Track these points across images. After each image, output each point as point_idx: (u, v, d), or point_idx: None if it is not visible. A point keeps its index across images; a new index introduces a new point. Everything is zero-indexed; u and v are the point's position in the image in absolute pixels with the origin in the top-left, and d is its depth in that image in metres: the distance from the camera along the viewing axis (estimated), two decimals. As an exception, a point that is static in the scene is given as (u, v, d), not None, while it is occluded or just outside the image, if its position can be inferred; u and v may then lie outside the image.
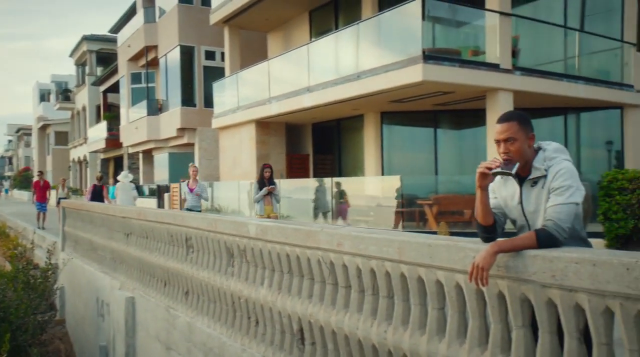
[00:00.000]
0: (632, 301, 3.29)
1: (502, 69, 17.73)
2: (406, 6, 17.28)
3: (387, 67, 17.51)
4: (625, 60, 21.65)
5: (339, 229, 5.83)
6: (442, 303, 4.63)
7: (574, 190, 3.99)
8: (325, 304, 5.82)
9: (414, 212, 19.05)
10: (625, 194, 14.90)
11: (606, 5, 22.63)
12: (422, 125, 22.81)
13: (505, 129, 4.14)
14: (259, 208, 15.59)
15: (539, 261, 3.72)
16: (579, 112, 22.22)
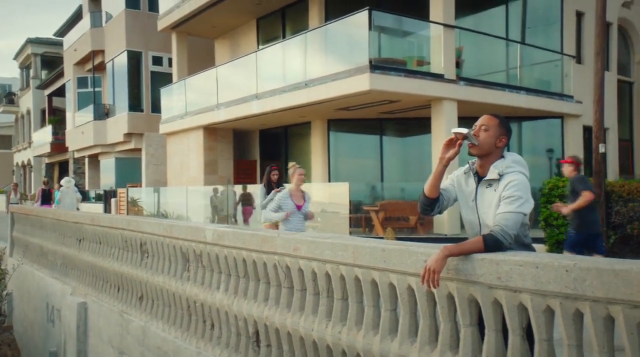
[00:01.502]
0: (570, 300, 3.60)
1: (447, 79, 18.12)
2: (353, 17, 17.57)
3: (334, 76, 17.78)
4: (565, 72, 22.23)
5: (296, 234, 6.06)
6: (394, 304, 4.87)
7: (523, 201, 4.29)
8: (281, 307, 5.98)
9: (360, 218, 19.34)
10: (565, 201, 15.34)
11: (546, 19, 23.21)
12: (369, 132, 23.10)
13: (486, 119, 4.57)
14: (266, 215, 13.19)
15: (486, 264, 4.00)
16: (521, 121, 22.71)
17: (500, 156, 4.57)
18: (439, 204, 4.68)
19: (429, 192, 4.60)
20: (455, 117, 18.18)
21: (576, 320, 3.65)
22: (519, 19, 22.67)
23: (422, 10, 18.92)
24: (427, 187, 4.60)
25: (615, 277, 3.34)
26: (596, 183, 15.19)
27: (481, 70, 20.54)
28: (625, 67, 27.42)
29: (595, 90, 15.61)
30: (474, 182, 4.61)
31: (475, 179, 4.61)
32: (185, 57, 29.02)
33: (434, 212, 4.71)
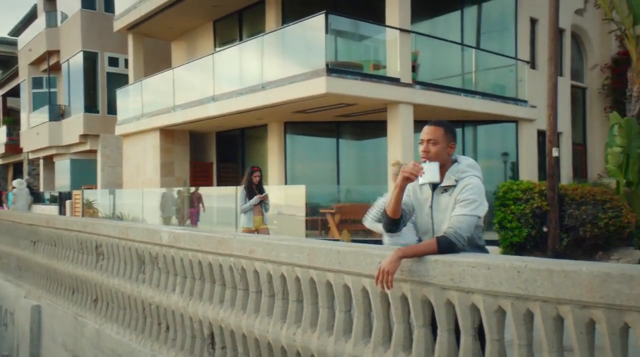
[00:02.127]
0: (522, 300, 3.68)
1: (403, 82, 18.21)
2: (310, 20, 17.60)
3: (291, 79, 17.79)
4: (519, 77, 22.47)
5: (252, 236, 6.09)
6: (349, 306, 4.92)
7: (477, 204, 4.38)
8: (236, 309, 5.99)
9: (317, 221, 19.39)
10: (519, 204, 15.55)
11: (501, 25, 23.45)
12: (325, 135, 23.13)
13: (431, 131, 4.53)
14: (246, 220, 12.61)
15: (440, 265, 4.07)
16: (476, 125, 22.92)
17: (453, 161, 4.62)
18: (403, 220, 4.68)
19: (393, 214, 4.56)
20: (411, 121, 18.29)
21: (527, 320, 3.73)
22: (474, 24, 22.89)
23: (379, 14, 18.99)
24: (389, 210, 4.55)
25: (565, 278, 3.42)
26: (550, 186, 15.43)
27: (437, 75, 20.68)
28: (578, 73, 27.77)
29: (548, 95, 15.85)
30: (429, 189, 4.65)
31: (430, 186, 4.62)
32: (141, 58, 28.84)
33: (399, 229, 4.70)
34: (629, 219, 15.25)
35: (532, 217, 15.40)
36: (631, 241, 15.82)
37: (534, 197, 15.55)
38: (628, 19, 20.30)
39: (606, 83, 27.76)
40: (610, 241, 15.40)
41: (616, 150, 17.11)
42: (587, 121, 28.15)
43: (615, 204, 15.29)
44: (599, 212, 15.00)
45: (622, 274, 3.20)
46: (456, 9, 22.50)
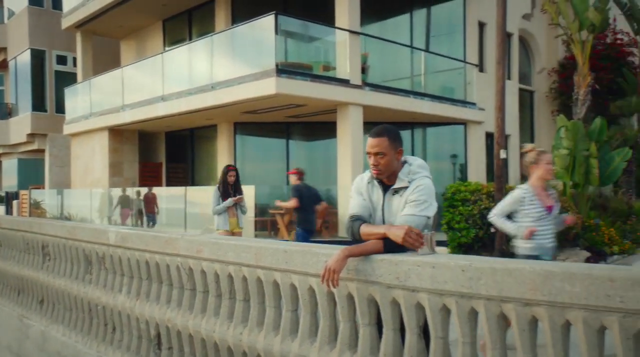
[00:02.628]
0: (466, 298, 3.70)
1: (352, 84, 18.31)
2: (259, 21, 17.62)
3: (241, 79, 17.78)
4: (468, 80, 22.72)
5: (199, 236, 6.05)
6: (295, 305, 4.90)
7: (427, 205, 4.39)
8: (183, 309, 5.95)
9: (266, 222, 19.36)
10: (467, 205, 15.67)
11: (450, 28, 23.69)
12: (275, 136, 23.13)
13: (376, 143, 4.46)
14: (221, 222, 11.90)
15: (386, 264, 4.07)
16: (425, 127, 23.09)
17: (402, 163, 4.62)
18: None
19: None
20: (361, 122, 18.38)
21: (471, 318, 3.75)
22: (424, 27, 23.09)
23: (329, 16, 19.06)
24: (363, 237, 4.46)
25: (508, 276, 3.45)
26: (497, 188, 15.56)
27: (387, 77, 20.80)
28: (526, 77, 28.13)
29: (496, 97, 15.99)
30: (380, 191, 4.64)
31: (381, 187, 4.63)
32: (90, 56, 28.54)
33: None
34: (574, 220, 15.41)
35: (479, 218, 15.51)
36: (577, 242, 16.00)
37: (482, 198, 15.68)
38: (574, 24, 20.59)
39: (553, 87, 28.17)
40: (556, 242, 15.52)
41: (563, 153, 17.30)
42: (535, 124, 28.52)
43: (562, 205, 15.42)
44: (546, 214, 15.13)
45: (564, 272, 3.24)
46: (405, 11, 22.67)
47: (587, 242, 16.11)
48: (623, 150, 18.41)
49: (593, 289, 3.15)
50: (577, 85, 21.25)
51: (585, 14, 20.24)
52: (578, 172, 17.26)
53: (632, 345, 3.13)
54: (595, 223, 16.56)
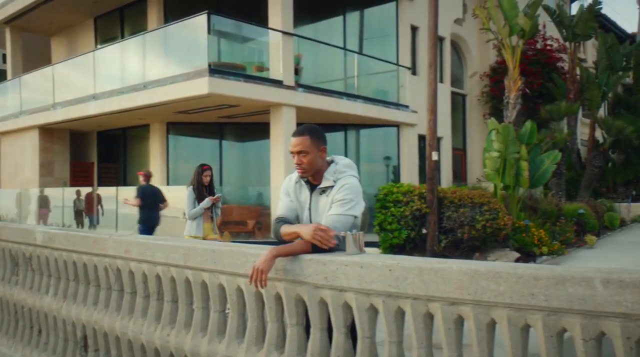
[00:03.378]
0: (393, 298, 3.70)
1: (285, 85, 18.31)
2: (192, 20, 17.50)
3: (173, 79, 17.63)
4: (401, 83, 22.91)
5: (127, 236, 5.95)
6: (223, 306, 4.85)
7: (354, 204, 4.39)
8: (111, 311, 5.85)
9: (198, 223, 19.21)
10: (399, 207, 15.75)
11: (383, 31, 23.87)
12: (208, 136, 22.99)
13: (298, 142, 4.46)
14: (194, 227, 10.81)
15: (314, 264, 4.06)
16: (358, 129, 23.19)
17: (330, 162, 4.63)
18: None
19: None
20: (294, 123, 18.39)
21: (398, 317, 3.76)
22: (357, 29, 23.24)
23: (262, 16, 19.05)
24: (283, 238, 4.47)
25: (435, 275, 3.46)
26: (429, 189, 15.68)
27: (320, 78, 20.87)
28: (459, 80, 28.46)
29: (428, 100, 16.13)
30: (307, 191, 4.64)
31: (308, 187, 4.63)
32: (20, 53, 28.03)
33: None
34: (505, 221, 15.60)
35: (411, 219, 15.62)
36: (507, 242, 16.22)
37: (414, 199, 15.77)
38: (504, 30, 20.89)
39: (485, 90, 28.56)
40: (487, 242, 15.71)
41: (494, 155, 17.53)
42: (467, 127, 28.88)
43: (492, 206, 15.64)
44: (477, 215, 15.32)
45: (490, 271, 3.27)
46: (339, 14, 22.78)
47: (517, 243, 16.35)
48: (553, 153, 18.76)
49: (518, 288, 3.18)
50: (508, 89, 21.56)
51: (515, 19, 20.56)
52: (508, 175, 17.51)
53: (556, 343, 3.16)
54: (525, 224, 16.82)
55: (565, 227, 18.13)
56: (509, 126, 17.92)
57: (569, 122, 27.60)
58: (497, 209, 15.64)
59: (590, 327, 3.02)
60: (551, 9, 26.74)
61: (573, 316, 3.06)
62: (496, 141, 17.49)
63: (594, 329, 3.02)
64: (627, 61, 31.02)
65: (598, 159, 27.02)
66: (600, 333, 3.03)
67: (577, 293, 3.00)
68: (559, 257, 16.28)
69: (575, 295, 3.01)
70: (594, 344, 3.05)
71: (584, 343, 3.05)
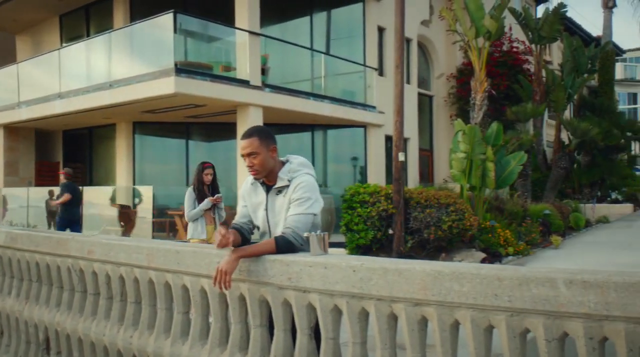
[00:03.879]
0: (357, 299, 3.70)
1: (252, 85, 18.27)
2: (158, 19, 17.39)
3: (139, 78, 17.50)
4: (368, 83, 22.95)
5: (91, 237, 5.89)
6: (187, 307, 4.82)
7: (312, 202, 4.39)
8: (74, 312, 5.79)
9: (165, 223, 19.13)
10: (366, 207, 15.74)
11: (350, 32, 23.92)
12: (175, 136, 22.87)
13: (247, 144, 4.44)
14: (197, 229, 9.97)
15: (278, 265, 4.04)
16: (326, 129, 23.20)
17: (282, 162, 4.62)
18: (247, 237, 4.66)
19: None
20: (261, 123, 18.29)
21: (362, 318, 3.75)
22: (324, 30, 23.25)
23: (229, 16, 18.98)
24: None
25: (399, 276, 3.46)
26: (396, 190, 15.70)
27: (287, 79, 20.85)
28: (426, 82, 28.57)
29: (395, 101, 16.15)
30: (263, 191, 4.63)
31: (264, 188, 4.62)
32: (-18, 51, 27.74)
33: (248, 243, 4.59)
34: (471, 222, 15.66)
35: (378, 219, 15.62)
36: (473, 243, 16.28)
37: (381, 200, 15.76)
38: (470, 31, 20.99)
39: (452, 92, 28.68)
40: (453, 243, 15.76)
41: (460, 156, 17.59)
42: (433, 128, 28.99)
43: (459, 207, 15.69)
44: (443, 215, 15.36)
45: (453, 272, 3.27)
46: (306, 14, 22.79)
47: (483, 244, 16.42)
48: (519, 154, 18.87)
49: (481, 289, 3.18)
50: (474, 91, 21.66)
51: (482, 21, 20.67)
52: (475, 175, 17.58)
53: (519, 343, 3.17)
54: (491, 225, 16.90)
55: (531, 228, 18.24)
56: (475, 127, 18.00)
57: (534, 124, 27.78)
58: (464, 210, 15.70)
59: (553, 328, 3.04)
60: (517, 12, 26.91)
61: (536, 316, 3.07)
62: (462, 142, 17.56)
63: (557, 329, 3.03)
64: (592, 64, 31.32)
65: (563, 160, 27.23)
66: (564, 333, 3.04)
67: (540, 294, 3.01)
68: (525, 258, 16.36)
69: (538, 296, 3.02)
70: (557, 344, 3.06)
71: (547, 344, 3.06)
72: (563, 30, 28.82)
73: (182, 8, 19.57)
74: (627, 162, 35.51)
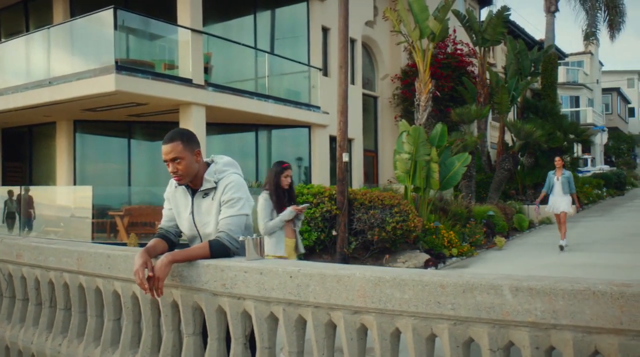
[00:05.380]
0: (293, 306, 3.55)
1: (195, 84, 18.07)
2: (98, 14, 17.15)
3: (79, 75, 17.18)
4: (312, 83, 22.87)
5: (19, 239, 5.65)
6: (118, 314, 4.64)
7: (243, 202, 4.22)
8: (1, 319, 5.61)
9: (106, 223, 18.81)
10: (309, 208, 15.63)
11: (294, 31, 23.87)
12: (117, 135, 22.54)
13: (170, 149, 4.22)
14: (273, 244, 7.81)
15: (211, 270, 3.88)
16: (270, 129, 23.07)
17: (207, 163, 4.44)
18: (174, 241, 4.52)
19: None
20: (204, 123, 18.18)
21: (298, 327, 3.61)
22: (268, 29, 23.16)
23: (171, 14, 18.77)
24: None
25: (337, 282, 3.33)
26: (339, 190, 15.60)
27: (231, 78, 20.68)
28: (371, 83, 28.60)
29: (339, 101, 16.05)
30: (188, 195, 4.44)
31: (189, 191, 4.43)
32: None
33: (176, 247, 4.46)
34: (415, 223, 15.62)
35: (321, 220, 15.51)
36: (417, 244, 16.26)
37: (324, 201, 15.67)
38: (415, 32, 20.96)
39: (396, 93, 28.75)
40: (397, 244, 15.72)
41: (404, 157, 17.57)
42: (378, 129, 29.02)
43: (403, 208, 15.64)
44: (387, 217, 15.30)
45: (395, 278, 3.15)
46: (249, 13, 22.72)
47: (427, 245, 16.40)
48: (463, 155, 18.90)
49: (423, 296, 3.07)
50: (419, 92, 21.66)
51: (426, 22, 20.65)
52: (419, 176, 17.58)
53: (462, 353, 3.06)
54: (435, 226, 16.90)
55: (475, 229, 18.27)
56: (419, 128, 17.99)
57: (479, 126, 27.93)
58: (408, 211, 15.65)
59: (498, 337, 2.94)
60: (461, 14, 27.02)
61: (481, 325, 2.97)
62: (407, 143, 17.54)
63: (502, 338, 2.94)
64: (535, 67, 31.68)
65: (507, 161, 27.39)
66: (509, 343, 2.95)
67: (485, 301, 2.91)
68: (469, 259, 16.39)
69: (483, 303, 2.91)
70: (502, 354, 2.98)
71: (492, 353, 2.97)
72: (506, 33, 29.01)
73: (124, 5, 19.22)
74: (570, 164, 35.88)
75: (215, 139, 21.83)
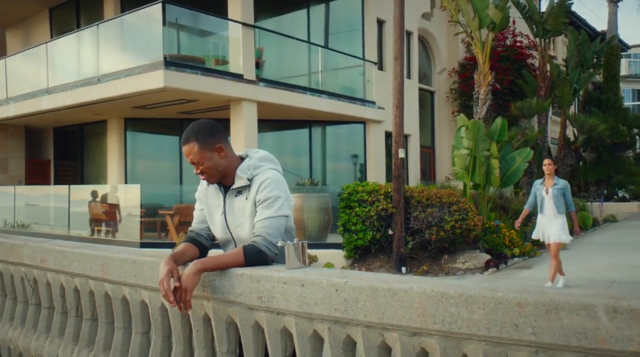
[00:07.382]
0: (340, 325, 3.01)
1: (246, 79, 17.73)
2: (147, 9, 16.89)
3: (129, 71, 16.93)
4: (367, 78, 22.46)
5: (44, 242, 5.19)
6: (147, 327, 4.15)
7: (282, 201, 3.65)
8: (27, 328, 5.20)
9: (156, 223, 18.54)
10: (364, 206, 15.19)
11: (348, 25, 23.46)
12: (168, 133, 22.37)
13: (187, 152, 3.72)
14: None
15: (246, 280, 3.34)
16: (324, 126, 22.67)
17: (240, 158, 3.89)
18: (206, 245, 4.01)
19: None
20: (255, 119, 17.83)
21: (347, 349, 3.05)
22: (322, 23, 22.79)
23: (221, 8, 18.48)
24: None
25: (392, 298, 2.77)
26: (395, 188, 15.11)
27: (283, 73, 20.33)
28: (427, 77, 28.11)
29: (394, 95, 15.57)
30: (220, 193, 3.89)
31: (221, 189, 3.88)
32: (-28, 46, 27.18)
33: (207, 251, 3.98)
34: (475, 222, 15.15)
35: (377, 219, 15.08)
36: (477, 244, 15.79)
37: (380, 199, 15.23)
38: (474, 22, 20.41)
39: (454, 87, 28.23)
40: (456, 244, 15.24)
41: (463, 153, 17.07)
42: (435, 124, 28.54)
43: (462, 206, 15.14)
44: (445, 215, 14.84)
45: (461, 294, 2.58)
46: (302, 7, 22.31)
47: (488, 245, 15.96)
48: (524, 150, 18.35)
49: (497, 317, 2.49)
50: (478, 84, 21.12)
51: (485, 11, 20.10)
52: (478, 173, 17.06)
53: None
54: (495, 225, 16.43)
55: (536, 228, 17.66)
56: (478, 122, 17.46)
57: (539, 120, 27.21)
58: (467, 209, 15.14)
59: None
60: (521, 4, 26.34)
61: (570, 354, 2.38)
62: (465, 138, 17.04)
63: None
64: (597, 59, 30.89)
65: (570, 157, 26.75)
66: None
67: (574, 325, 2.33)
68: (531, 259, 15.93)
69: (572, 327, 2.33)
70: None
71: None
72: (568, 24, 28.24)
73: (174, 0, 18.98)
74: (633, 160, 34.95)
75: (267, 136, 21.50)
